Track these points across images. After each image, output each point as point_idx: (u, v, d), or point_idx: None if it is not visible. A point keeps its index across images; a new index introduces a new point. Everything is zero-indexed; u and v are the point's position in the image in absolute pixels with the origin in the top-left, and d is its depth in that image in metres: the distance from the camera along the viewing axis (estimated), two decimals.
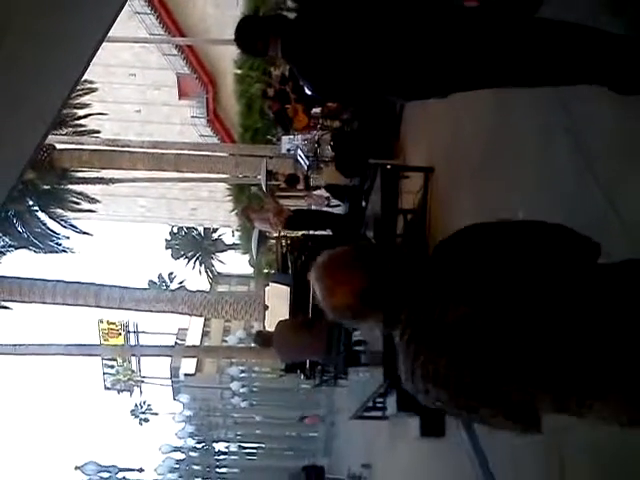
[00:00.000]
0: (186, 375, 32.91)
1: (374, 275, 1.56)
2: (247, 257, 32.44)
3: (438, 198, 6.72)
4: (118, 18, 2.90)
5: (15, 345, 13.76)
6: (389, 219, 6.68)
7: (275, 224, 7.86)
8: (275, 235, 9.55)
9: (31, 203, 18.00)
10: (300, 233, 8.85)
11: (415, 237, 6.90)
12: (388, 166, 6.74)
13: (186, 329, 39.96)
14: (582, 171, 3.44)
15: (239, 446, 22.54)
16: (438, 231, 6.65)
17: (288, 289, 7.62)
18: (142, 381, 36.17)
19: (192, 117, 28.68)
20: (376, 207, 6.80)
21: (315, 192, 9.64)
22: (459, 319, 1.54)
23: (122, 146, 17.59)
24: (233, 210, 26.56)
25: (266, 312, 8.64)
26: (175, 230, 39.13)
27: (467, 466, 5.14)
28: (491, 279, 1.58)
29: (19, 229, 17.91)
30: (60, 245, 19.26)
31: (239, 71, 23.43)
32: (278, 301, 7.70)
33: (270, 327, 7.11)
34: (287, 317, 7.34)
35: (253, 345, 9.18)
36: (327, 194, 9.18)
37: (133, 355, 22.08)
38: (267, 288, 8.89)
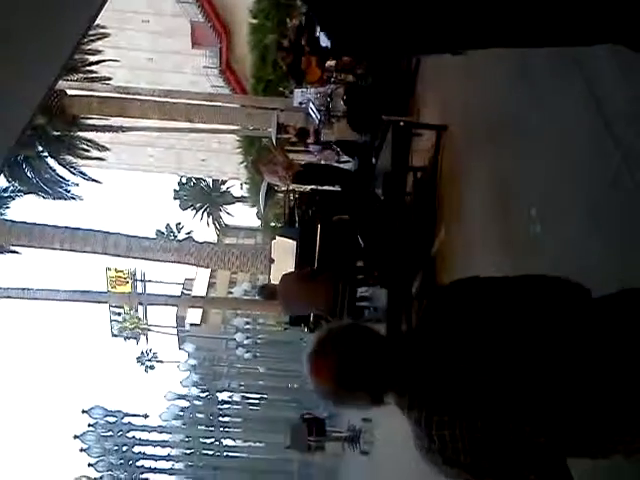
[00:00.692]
0: (192, 325, 33.35)
1: (344, 358, 1.56)
2: (255, 210, 32.48)
3: (450, 158, 6.64)
4: None
5: (24, 289, 13.93)
6: (399, 176, 6.62)
7: (284, 178, 7.80)
8: (283, 188, 9.50)
9: (41, 149, 17.95)
10: (309, 188, 8.79)
11: (424, 195, 6.85)
12: (401, 123, 6.65)
13: (192, 279, 40.33)
14: (601, 136, 3.36)
15: (242, 396, 22.87)
16: (447, 190, 6.60)
17: (294, 243, 7.61)
18: (148, 329, 36.67)
19: (204, 67, 28.32)
20: (386, 164, 6.73)
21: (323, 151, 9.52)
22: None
23: (133, 94, 17.41)
24: (242, 162, 26.46)
25: (272, 266, 8.65)
26: (184, 181, 39.07)
27: None
28: (493, 348, 1.55)
29: (28, 174, 17.92)
30: (69, 192, 19.31)
31: (254, 20, 23.03)
32: (284, 255, 7.70)
33: (275, 281, 7.12)
34: (293, 270, 7.35)
35: (258, 298, 9.26)
36: (337, 149, 9.09)
37: (140, 303, 22.29)
38: (274, 242, 8.87)
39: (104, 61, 19.28)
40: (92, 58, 18.65)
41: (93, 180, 20.36)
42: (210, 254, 14.67)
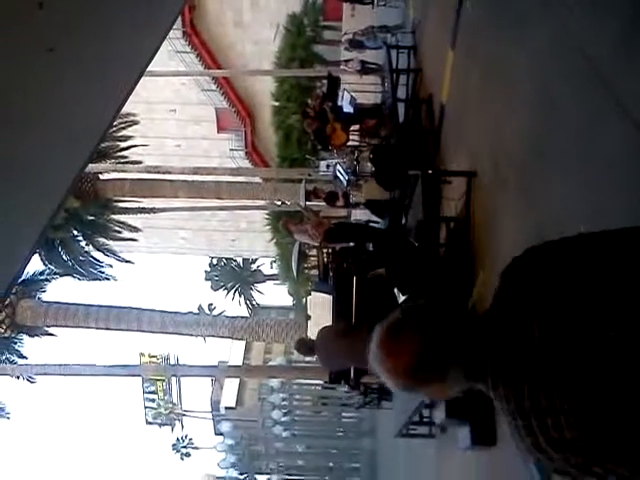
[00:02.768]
0: (227, 408, 32.81)
1: (430, 338, 1.40)
2: (286, 288, 32.49)
3: (481, 204, 6.60)
4: (160, 58, 2.96)
5: (60, 365, 13.96)
6: (432, 224, 6.58)
7: (315, 236, 7.83)
8: (315, 247, 9.52)
9: (75, 232, 18.43)
10: (339, 247, 8.80)
11: (459, 245, 6.78)
12: (429, 171, 6.69)
13: (226, 361, 40.00)
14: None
15: (281, 478, 22.24)
16: (482, 239, 6.53)
17: (329, 298, 7.55)
18: (183, 414, 36.17)
19: (231, 150, 29.16)
20: (418, 217, 6.72)
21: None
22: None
23: (163, 173, 17.91)
24: (272, 239, 26.76)
25: (308, 322, 8.55)
26: (214, 262, 39.45)
27: (523, 478, 4.91)
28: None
29: (63, 257, 18.31)
30: (103, 273, 19.64)
31: (276, 103, 23.88)
32: (320, 311, 7.63)
33: (313, 336, 7.02)
34: (329, 325, 7.26)
35: (295, 365, 9.11)
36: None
37: (174, 375, 22.07)
38: (309, 298, 8.82)
39: (134, 146, 19.98)
40: (123, 144, 19.36)
41: (126, 261, 20.70)
42: (244, 326, 14.62)
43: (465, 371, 1.43)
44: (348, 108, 10.89)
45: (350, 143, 11.28)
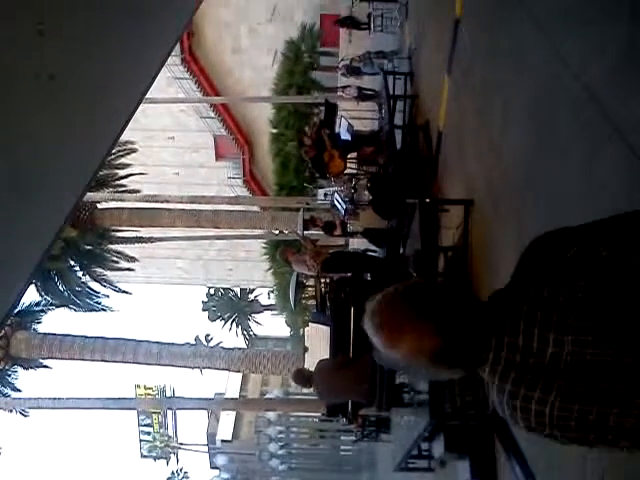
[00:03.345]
0: (223, 441, 32.33)
1: (447, 333, 1.33)
2: (283, 318, 32.27)
3: (479, 233, 6.53)
4: (158, 85, 2.95)
5: (54, 399, 13.73)
6: (430, 257, 6.49)
7: (313, 266, 7.75)
8: (313, 277, 9.41)
9: (72, 262, 18.30)
10: (336, 277, 8.70)
11: (457, 275, 6.69)
12: (427, 200, 6.63)
13: (223, 393, 39.54)
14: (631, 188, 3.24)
15: None
16: (480, 268, 6.44)
17: (327, 329, 7.43)
18: (179, 448, 35.64)
19: (229, 178, 29.20)
20: (415, 246, 6.64)
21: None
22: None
23: (161, 201, 17.86)
24: (269, 269, 26.64)
25: (305, 354, 8.42)
26: (212, 292, 39.25)
27: None
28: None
29: (60, 288, 18.16)
30: (100, 304, 19.46)
31: (274, 130, 23.98)
32: (318, 342, 7.50)
33: (310, 368, 6.88)
34: (327, 357, 7.13)
35: (292, 397, 8.94)
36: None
37: (169, 409, 21.72)
38: (306, 329, 8.70)
39: (132, 175, 19.97)
40: (121, 172, 19.35)
41: (123, 292, 20.55)
42: (241, 358, 14.43)
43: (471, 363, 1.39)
44: (345, 135, 10.88)
45: (348, 171, 11.24)
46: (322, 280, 9.48)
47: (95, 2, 2.15)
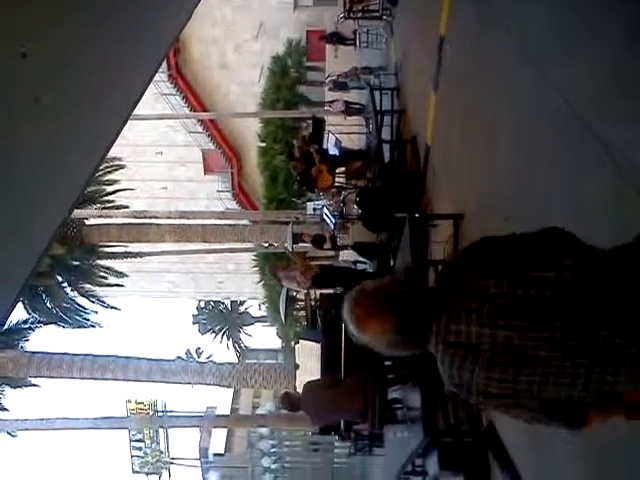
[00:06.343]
0: (215, 455, 32.06)
1: (403, 318, 1.70)
2: (274, 329, 32.14)
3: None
4: (145, 101, 2.95)
5: (42, 420, 13.53)
6: (420, 271, 6.47)
7: (303, 282, 7.71)
8: (304, 292, 9.38)
9: (60, 279, 18.14)
10: (327, 292, 8.67)
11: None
12: (416, 214, 6.62)
13: (214, 407, 39.26)
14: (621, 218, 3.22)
15: None
16: None
17: (318, 346, 7.38)
18: (171, 463, 35.29)
19: (218, 191, 29.13)
20: (406, 261, 6.62)
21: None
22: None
23: (150, 217, 17.79)
24: (260, 281, 26.54)
25: (296, 372, 8.35)
26: (202, 305, 39.06)
27: None
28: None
29: (48, 305, 17.99)
30: (88, 320, 19.28)
31: (262, 144, 23.98)
32: (309, 358, 7.44)
33: (301, 386, 6.80)
34: (317, 376, 7.06)
35: (283, 412, 8.88)
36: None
37: (161, 427, 21.54)
38: (297, 346, 8.63)
39: (120, 190, 19.88)
40: (109, 188, 19.25)
41: (112, 307, 20.39)
42: (232, 373, 14.33)
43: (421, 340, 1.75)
44: (333, 151, 10.88)
45: (336, 185, 11.25)
46: (312, 296, 9.44)
47: (79, 22, 2.13)
